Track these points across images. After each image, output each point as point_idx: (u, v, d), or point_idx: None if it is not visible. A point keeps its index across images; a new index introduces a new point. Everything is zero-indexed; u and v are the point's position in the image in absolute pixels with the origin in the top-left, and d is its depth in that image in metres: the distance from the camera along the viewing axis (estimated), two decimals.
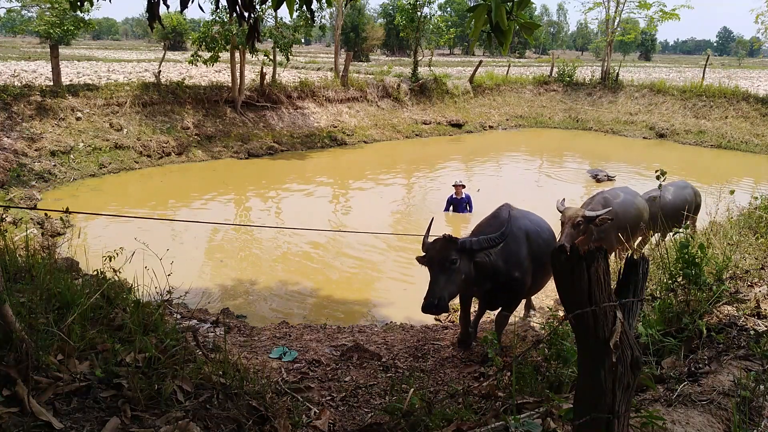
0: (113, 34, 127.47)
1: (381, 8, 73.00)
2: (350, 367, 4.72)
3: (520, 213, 5.16)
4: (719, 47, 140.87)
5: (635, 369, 1.92)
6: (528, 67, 42.39)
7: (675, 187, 7.46)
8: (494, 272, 4.56)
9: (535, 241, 4.89)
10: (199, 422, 2.69)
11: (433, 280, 4.14)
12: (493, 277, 4.61)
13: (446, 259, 4.15)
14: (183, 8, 3.19)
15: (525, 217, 5.09)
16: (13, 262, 4.16)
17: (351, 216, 11.77)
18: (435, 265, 4.17)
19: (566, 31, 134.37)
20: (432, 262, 4.20)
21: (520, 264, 4.73)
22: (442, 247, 4.19)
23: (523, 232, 4.84)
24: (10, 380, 2.52)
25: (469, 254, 4.26)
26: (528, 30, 2.67)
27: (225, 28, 16.41)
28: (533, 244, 4.85)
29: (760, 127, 20.82)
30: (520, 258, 4.74)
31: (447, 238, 4.21)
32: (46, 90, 14.58)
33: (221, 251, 9.15)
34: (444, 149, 20.27)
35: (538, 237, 4.98)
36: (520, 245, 4.75)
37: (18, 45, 55.54)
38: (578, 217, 5.71)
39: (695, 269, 3.68)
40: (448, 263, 4.15)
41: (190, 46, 21.73)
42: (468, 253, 4.25)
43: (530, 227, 4.97)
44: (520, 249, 4.75)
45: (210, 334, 4.94)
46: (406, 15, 23.58)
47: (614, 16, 26.92)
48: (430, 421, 2.78)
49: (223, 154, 16.12)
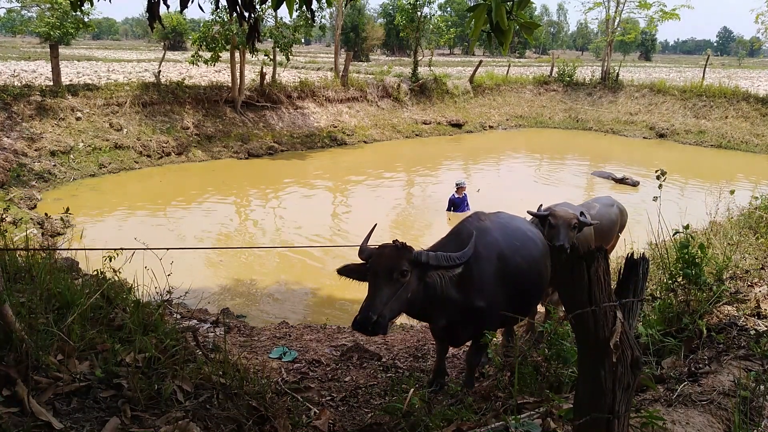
0: (113, 34, 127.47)
1: (381, 8, 73.01)
2: (350, 367, 4.72)
3: (495, 224, 4.16)
4: (719, 47, 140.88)
5: (635, 369, 1.92)
6: (528, 67, 42.39)
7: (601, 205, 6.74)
8: (447, 302, 3.66)
9: (512, 260, 3.96)
10: (199, 422, 2.69)
11: (374, 292, 3.32)
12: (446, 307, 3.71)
13: (395, 269, 3.34)
14: (183, 8, 3.19)
15: (500, 230, 4.11)
16: (13, 262, 4.16)
17: (351, 216, 11.77)
18: (380, 276, 3.36)
19: (566, 31, 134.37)
20: (377, 272, 3.39)
21: (483, 291, 3.78)
22: (392, 254, 3.40)
23: (495, 251, 3.90)
24: (10, 380, 2.52)
25: (422, 270, 3.44)
26: (528, 30, 2.67)
27: (225, 28, 16.42)
28: (509, 265, 3.93)
29: (760, 127, 20.83)
30: (484, 284, 3.79)
31: (399, 244, 3.44)
32: (46, 90, 14.58)
33: (221, 251, 9.14)
34: (444, 149, 20.27)
35: (516, 254, 4.02)
36: (484, 268, 3.80)
37: (18, 45, 55.52)
38: (573, 218, 5.31)
39: (695, 269, 3.68)
40: (397, 274, 3.34)
41: (190, 46, 21.72)
42: (421, 268, 3.44)
43: (504, 243, 4.01)
44: (484, 273, 3.80)
45: (210, 334, 4.94)
46: (406, 15, 23.59)
47: (614, 16, 26.94)
48: (430, 421, 2.78)
49: (222, 154, 16.13)
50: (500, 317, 3.97)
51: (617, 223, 6.84)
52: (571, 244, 5.11)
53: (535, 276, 4.19)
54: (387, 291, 3.31)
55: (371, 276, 3.41)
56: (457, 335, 4.04)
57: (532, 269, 4.13)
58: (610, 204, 6.93)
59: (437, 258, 3.45)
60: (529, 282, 4.13)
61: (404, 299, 3.40)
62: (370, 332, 3.27)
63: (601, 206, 6.63)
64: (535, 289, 4.29)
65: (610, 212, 6.68)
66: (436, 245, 3.91)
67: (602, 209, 6.56)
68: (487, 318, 3.83)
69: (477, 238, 3.71)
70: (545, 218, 5.33)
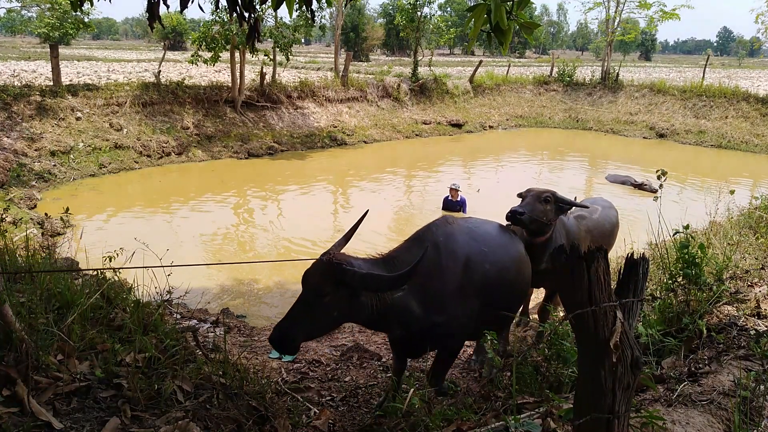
0: (113, 34, 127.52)
1: (381, 8, 72.99)
2: (350, 367, 4.73)
3: (463, 228, 3.74)
4: (719, 47, 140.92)
5: (635, 369, 1.92)
6: (528, 67, 42.40)
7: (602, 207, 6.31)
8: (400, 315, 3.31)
9: (480, 267, 3.59)
10: (199, 422, 2.70)
11: (292, 310, 3.10)
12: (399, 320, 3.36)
13: (314, 289, 3.06)
14: (183, 8, 3.19)
15: (467, 234, 3.70)
16: (13, 262, 4.16)
17: (351, 216, 11.77)
18: (303, 292, 3.12)
19: (566, 31, 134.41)
20: (303, 287, 3.14)
21: (444, 306, 3.42)
22: (316, 273, 3.10)
23: (460, 258, 3.52)
24: (10, 380, 2.52)
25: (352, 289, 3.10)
26: (528, 30, 2.66)
27: (225, 28, 16.42)
28: (475, 273, 3.55)
29: (760, 127, 20.83)
30: (445, 297, 3.43)
31: (329, 260, 3.08)
32: (45, 90, 14.58)
33: (221, 251, 9.15)
34: (444, 149, 20.27)
35: (485, 261, 3.64)
36: (447, 279, 3.45)
37: (18, 45, 55.52)
38: (546, 192, 4.68)
39: (695, 269, 3.68)
40: (315, 295, 3.05)
41: (190, 46, 21.73)
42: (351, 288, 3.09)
43: (474, 249, 3.62)
44: (447, 285, 3.43)
45: (210, 334, 4.94)
46: (406, 15, 23.59)
47: (614, 16, 26.94)
48: (430, 421, 2.78)
49: (222, 154, 16.13)
50: (466, 330, 3.65)
51: (617, 225, 6.52)
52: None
53: (506, 285, 3.82)
54: (303, 311, 3.07)
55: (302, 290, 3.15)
56: (416, 347, 3.65)
57: (502, 277, 3.77)
58: (609, 206, 6.61)
59: (364, 279, 3.06)
60: (498, 291, 3.75)
61: (325, 320, 3.15)
62: (279, 351, 3.14)
63: (602, 209, 6.28)
64: (505, 299, 3.87)
65: (610, 214, 6.37)
66: (395, 250, 3.52)
67: (604, 212, 6.19)
68: (444, 334, 3.50)
69: (443, 244, 3.47)
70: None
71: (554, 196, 4.66)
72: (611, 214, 6.48)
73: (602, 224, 5.76)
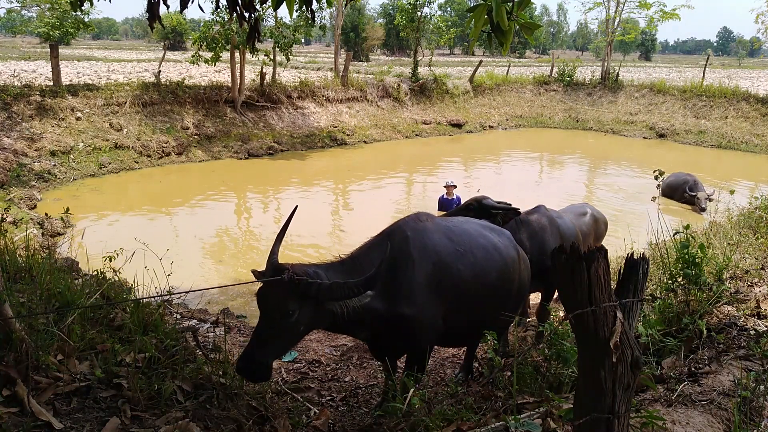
0: (113, 34, 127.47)
1: (381, 8, 73.07)
2: (350, 367, 4.73)
3: (438, 226, 3.62)
4: (719, 47, 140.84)
5: (635, 369, 1.92)
6: (528, 67, 42.39)
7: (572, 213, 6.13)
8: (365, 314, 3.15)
9: (451, 268, 3.44)
10: (199, 422, 2.70)
11: (258, 333, 2.95)
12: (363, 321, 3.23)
13: (278, 310, 2.91)
14: (183, 8, 3.19)
15: (442, 233, 3.57)
16: (13, 262, 4.17)
17: (351, 216, 11.77)
18: (264, 314, 2.96)
19: (566, 31, 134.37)
20: (262, 309, 2.98)
21: (411, 299, 3.28)
22: (276, 293, 2.92)
23: (430, 254, 3.40)
24: (10, 380, 2.52)
25: (316, 300, 2.96)
26: (528, 30, 2.66)
27: (225, 28, 16.42)
28: (447, 273, 3.42)
29: (760, 127, 20.83)
30: (413, 290, 3.30)
31: (288, 278, 2.88)
32: (46, 90, 14.58)
33: (221, 251, 9.15)
34: (444, 149, 20.27)
35: (458, 262, 3.48)
36: (416, 270, 3.33)
37: (18, 45, 55.50)
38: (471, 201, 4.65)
39: (695, 269, 3.68)
40: (281, 316, 2.90)
41: (190, 46, 21.72)
42: (315, 299, 2.95)
43: (447, 248, 3.48)
44: (414, 279, 3.31)
45: (210, 334, 4.94)
46: (406, 15, 23.59)
47: (614, 16, 26.93)
48: (430, 421, 2.78)
49: (223, 154, 16.13)
50: (434, 330, 3.47)
51: (589, 234, 6.35)
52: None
53: (485, 290, 3.64)
54: (269, 333, 2.92)
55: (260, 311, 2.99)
56: (385, 347, 3.52)
57: (479, 282, 3.57)
58: (581, 213, 6.48)
59: (330, 290, 2.93)
60: (474, 296, 3.56)
61: (292, 336, 3.04)
62: (251, 380, 2.99)
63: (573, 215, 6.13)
64: (484, 304, 3.67)
65: (579, 222, 6.20)
66: (364, 246, 3.44)
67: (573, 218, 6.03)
68: (411, 331, 3.35)
69: (412, 240, 3.37)
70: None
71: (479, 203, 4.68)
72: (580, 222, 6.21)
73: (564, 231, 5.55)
